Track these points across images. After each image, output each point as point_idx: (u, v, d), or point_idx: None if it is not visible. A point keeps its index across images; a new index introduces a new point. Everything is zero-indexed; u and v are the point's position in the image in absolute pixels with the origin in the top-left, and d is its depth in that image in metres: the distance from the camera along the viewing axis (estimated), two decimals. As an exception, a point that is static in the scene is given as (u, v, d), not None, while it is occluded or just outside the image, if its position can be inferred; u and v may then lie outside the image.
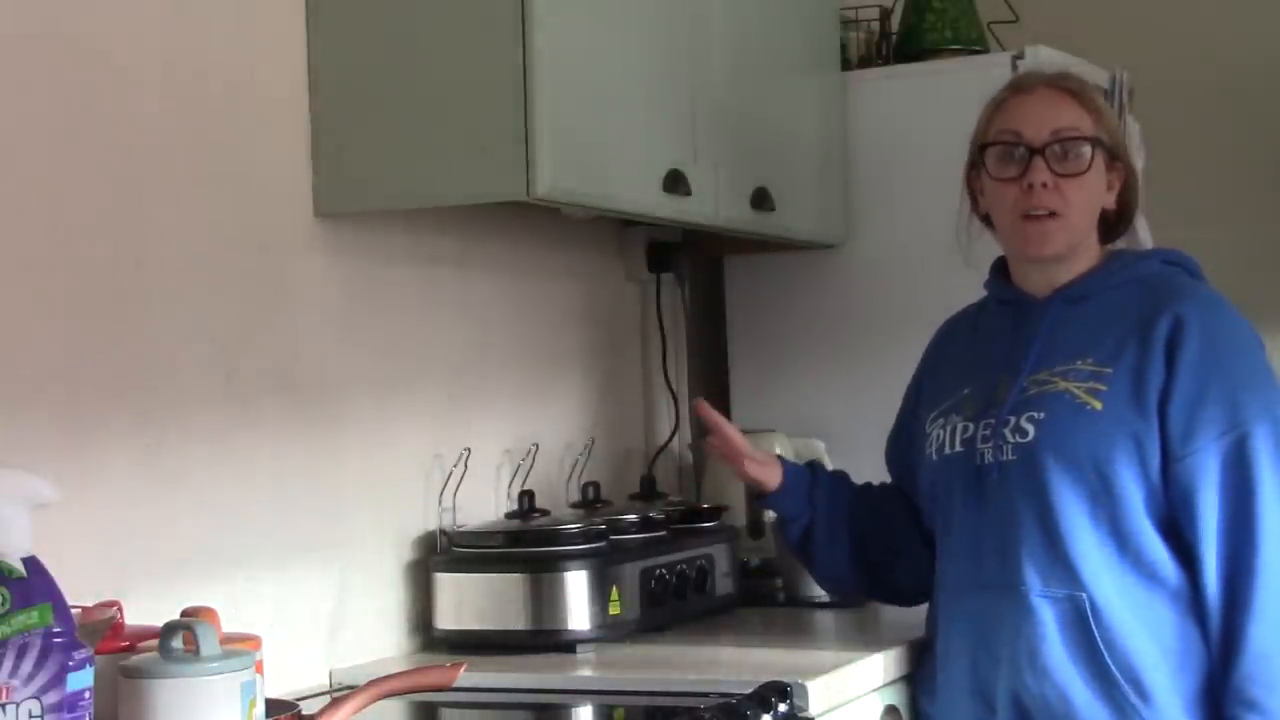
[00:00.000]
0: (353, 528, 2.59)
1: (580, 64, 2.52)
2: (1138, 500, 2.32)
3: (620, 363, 3.34)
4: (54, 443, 2.09)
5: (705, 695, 2.22)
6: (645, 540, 2.79)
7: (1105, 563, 2.32)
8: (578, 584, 2.60)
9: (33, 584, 1.61)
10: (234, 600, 2.30)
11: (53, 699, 1.60)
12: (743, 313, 3.49)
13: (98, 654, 1.69)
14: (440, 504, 2.73)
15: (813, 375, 3.36)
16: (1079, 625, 2.32)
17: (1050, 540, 2.34)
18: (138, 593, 2.07)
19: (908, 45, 3.44)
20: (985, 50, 3.42)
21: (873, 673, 2.46)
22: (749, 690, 2.22)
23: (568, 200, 2.56)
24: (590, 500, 2.96)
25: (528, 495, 2.78)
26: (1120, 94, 3.35)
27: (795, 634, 2.82)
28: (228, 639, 1.81)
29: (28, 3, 2.09)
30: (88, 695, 1.63)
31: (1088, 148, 2.41)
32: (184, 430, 2.28)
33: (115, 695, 1.73)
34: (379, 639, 2.63)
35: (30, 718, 1.59)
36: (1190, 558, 2.31)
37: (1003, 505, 2.38)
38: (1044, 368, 2.40)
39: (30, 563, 1.63)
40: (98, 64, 2.18)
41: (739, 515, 3.16)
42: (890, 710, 2.50)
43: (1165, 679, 2.30)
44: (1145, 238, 3.20)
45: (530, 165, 2.40)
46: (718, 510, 3.06)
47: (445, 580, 2.65)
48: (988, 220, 2.53)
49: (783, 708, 2.22)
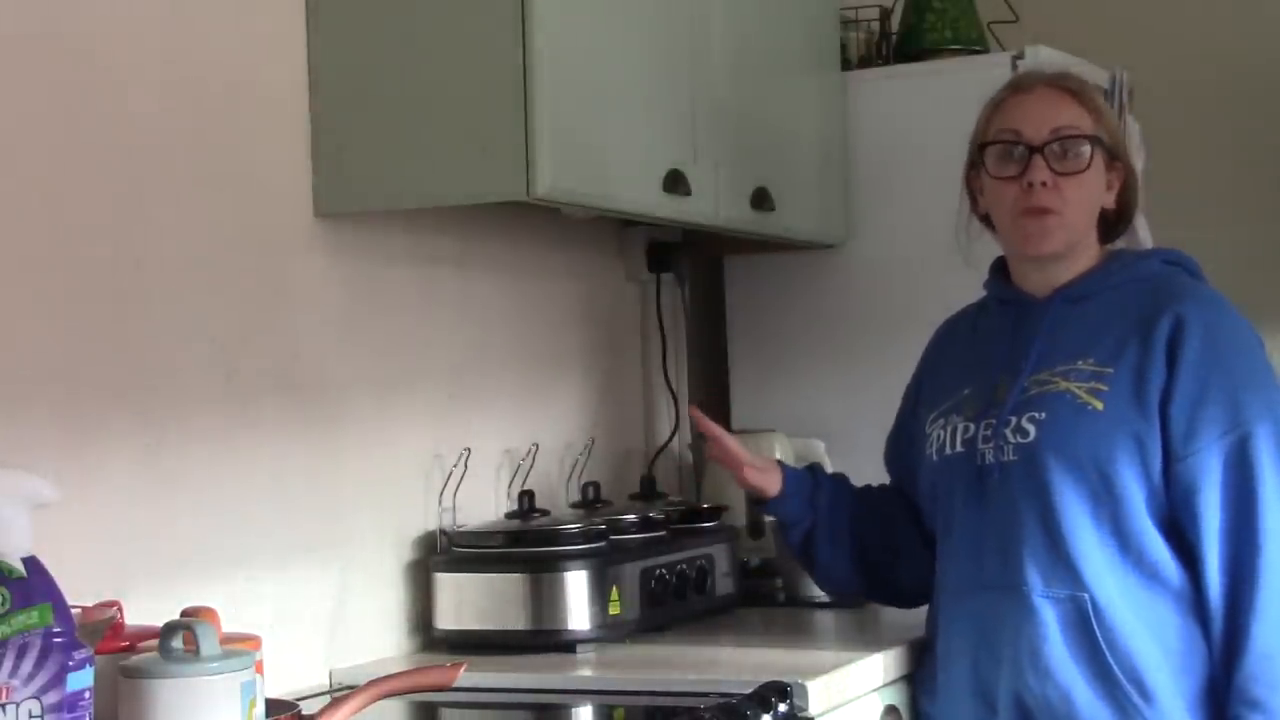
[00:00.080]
0: (353, 528, 2.59)
1: (580, 64, 2.52)
2: (1139, 500, 2.32)
3: (620, 363, 3.34)
4: (54, 443, 2.09)
5: (705, 695, 2.22)
6: (645, 540, 2.79)
7: (1107, 563, 2.32)
8: (578, 584, 2.59)
9: (33, 584, 1.61)
10: (234, 600, 2.30)
11: (53, 699, 1.60)
12: (743, 313, 3.49)
13: (98, 654, 1.69)
14: (440, 504, 2.73)
15: (813, 375, 3.36)
16: (1081, 626, 2.32)
17: (1052, 540, 2.34)
18: (138, 593, 2.07)
19: (908, 45, 3.44)
20: (985, 50, 3.42)
21: (873, 673, 2.46)
22: (749, 690, 2.22)
23: (568, 200, 2.56)
24: (590, 500, 2.96)
25: (528, 495, 2.78)
26: (1120, 94, 3.34)
27: (795, 634, 2.82)
28: (228, 639, 1.81)
29: (27, 3, 2.09)
30: (88, 695, 1.63)
31: (1087, 147, 2.41)
32: (184, 430, 2.28)
33: (115, 695, 1.73)
34: (379, 639, 2.63)
35: (30, 718, 1.59)
36: (1192, 558, 2.31)
37: (1004, 506, 2.38)
38: (1044, 368, 2.40)
39: (30, 563, 1.63)
40: (98, 64, 2.18)
41: (739, 515, 3.16)
42: (890, 710, 2.50)
43: (1168, 679, 2.30)
44: (1145, 237, 3.20)
45: (530, 165, 2.40)
46: (718, 510, 3.06)
47: (445, 580, 2.65)
48: (987, 220, 2.53)
49: (783, 708, 2.22)
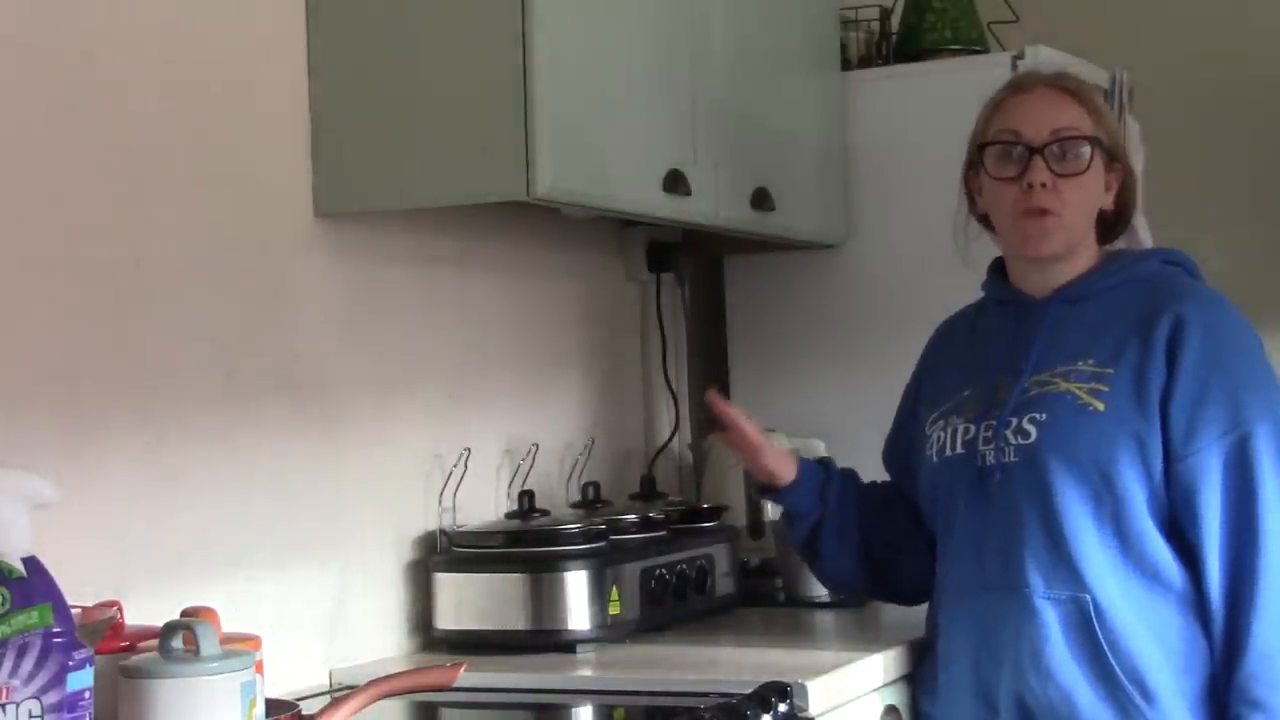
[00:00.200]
0: (353, 528, 2.59)
1: (580, 64, 2.52)
2: (1140, 501, 2.31)
3: (620, 363, 3.34)
4: (54, 443, 2.09)
5: (705, 695, 2.21)
6: (645, 540, 2.79)
7: (1109, 564, 2.32)
8: (578, 584, 2.59)
9: (33, 584, 1.61)
10: (234, 600, 2.30)
11: (53, 699, 1.60)
12: (743, 313, 3.49)
13: (98, 654, 1.69)
14: (440, 504, 2.73)
15: (813, 375, 3.36)
16: (1082, 627, 2.31)
17: (1053, 542, 2.34)
18: (138, 593, 2.07)
19: (908, 45, 3.44)
20: (985, 50, 3.42)
21: (873, 673, 2.46)
22: (749, 690, 2.22)
23: (568, 200, 2.56)
24: (590, 500, 2.95)
25: (528, 495, 2.78)
26: (1120, 94, 3.34)
27: (795, 634, 2.81)
28: (228, 639, 1.81)
29: (28, 3, 2.09)
30: (88, 695, 1.63)
31: (1087, 148, 2.41)
32: (184, 430, 2.28)
33: (115, 695, 1.73)
34: (379, 639, 2.63)
35: (30, 718, 1.59)
36: (1193, 558, 2.31)
37: (1005, 507, 2.38)
38: (1045, 368, 2.40)
39: (30, 563, 1.63)
40: (98, 64, 2.18)
41: (739, 515, 3.16)
42: (890, 710, 2.50)
43: (1169, 680, 2.30)
44: (1145, 237, 3.20)
45: (530, 165, 2.40)
46: (718, 510, 3.06)
47: (445, 580, 2.65)
48: (985, 221, 2.53)
49: (783, 708, 2.22)
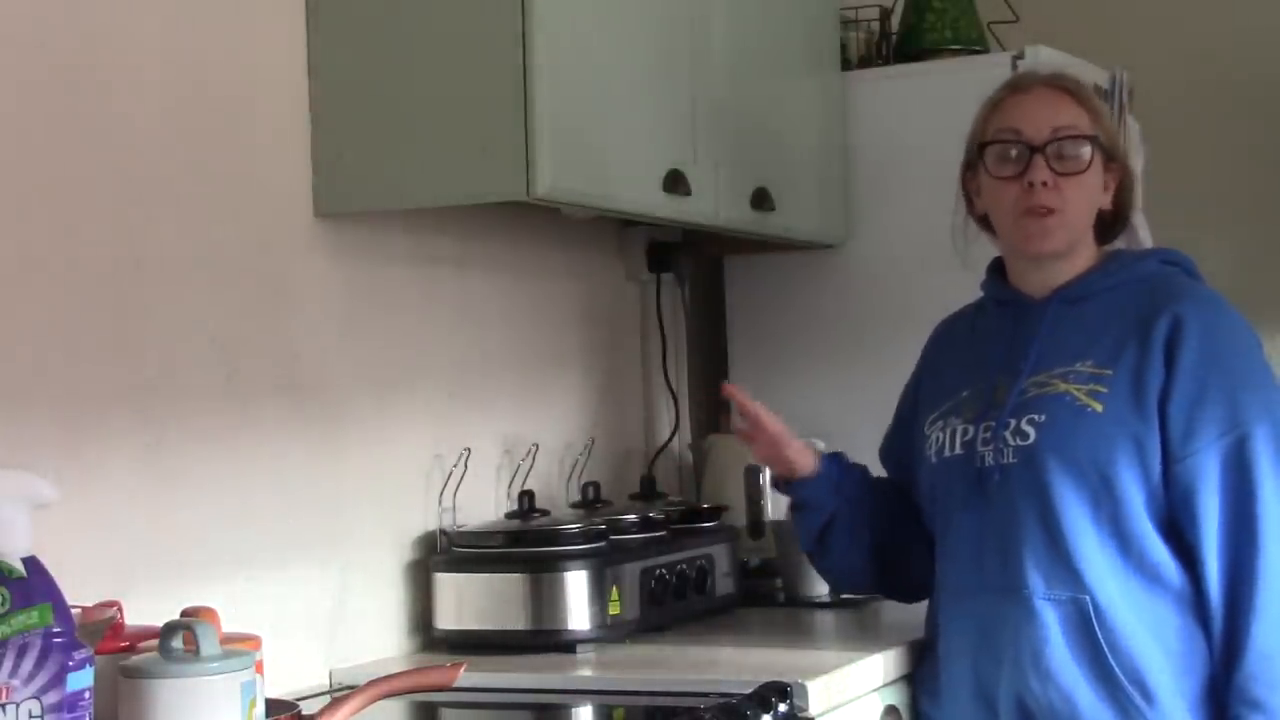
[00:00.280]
0: (353, 528, 2.59)
1: (580, 64, 2.52)
2: (1139, 502, 2.31)
3: (620, 363, 3.34)
4: (54, 442, 2.09)
5: (705, 695, 2.21)
6: (645, 540, 2.79)
7: (1108, 565, 2.32)
8: (578, 584, 2.59)
9: (33, 584, 1.61)
10: (234, 600, 2.30)
11: (53, 699, 1.60)
12: (743, 313, 3.49)
13: (98, 654, 1.69)
14: (440, 504, 2.73)
15: (812, 375, 3.36)
16: (1082, 628, 2.31)
17: (1053, 543, 2.33)
18: (138, 593, 2.07)
19: (908, 45, 3.44)
20: (985, 50, 3.42)
21: (873, 673, 2.46)
22: (749, 690, 2.22)
23: (568, 200, 2.56)
24: (590, 500, 2.96)
25: (528, 495, 2.78)
26: (1120, 94, 3.34)
27: (795, 634, 2.81)
28: (228, 639, 1.81)
29: (28, 3, 2.09)
30: (88, 695, 1.63)
31: (1087, 146, 2.41)
32: (184, 430, 2.28)
33: (115, 695, 1.73)
34: (379, 639, 2.63)
35: (30, 718, 1.59)
36: (1192, 558, 2.31)
37: (1004, 508, 2.37)
38: (1043, 369, 2.40)
39: (30, 563, 1.63)
40: (98, 64, 2.18)
41: (739, 515, 3.16)
42: (890, 710, 2.50)
43: (1169, 680, 2.30)
44: (1145, 237, 3.20)
45: (530, 165, 2.40)
46: (718, 510, 3.06)
47: (445, 580, 2.65)
48: (983, 222, 2.53)
49: (783, 708, 2.22)
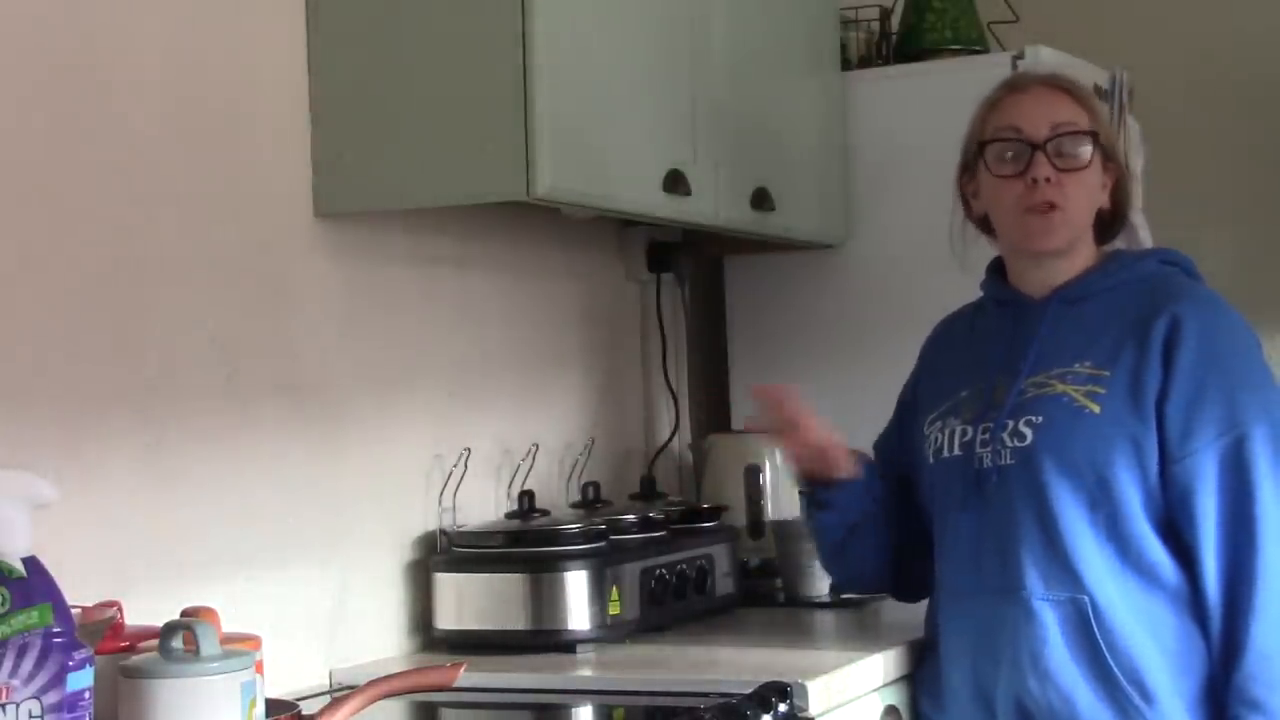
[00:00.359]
0: (353, 528, 2.59)
1: (580, 64, 2.52)
2: (1136, 503, 2.31)
3: (620, 363, 3.34)
4: (54, 442, 2.09)
5: (705, 695, 2.21)
6: (645, 540, 2.79)
7: (1106, 565, 2.32)
8: (578, 584, 2.59)
9: (33, 584, 1.61)
10: (234, 600, 2.30)
11: (53, 699, 1.60)
12: (743, 313, 3.49)
13: (98, 654, 1.69)
14: (440, 504, 2.73)
15: (812, 375, 3.35)
16: (1081, 628, 2.31)
17: (1050, 543, 2.33)
18: (138, 593, 2.07)
19: (908, 45, 3.44)
20: (985, 50, 3.42)
21: (873, 673, 2.46)
22: (749, 690, 2.22)
23: (568, 200, 2.56)
24: (590, 500, 2.95)
25: (528, 495, 2.78)
26: (1120, 94, 3.34)
27: (795, 634, 2.81)
28: (228, 639, 1.81)
29: (28, 3, 2.09)
30: (88, 695, 1.63)
31: (1088, 142, 2.41)
32: (184, 430, 2.28)
33: (115, 695, 1.73)
34: (379, 639, 2.63)
35: (30, 718, 1.59)
36: (1190, 559, 2.31)
37: (1002, 509, 2.37)
38: (1042, 370, 2.40)
39: (30, 563, 1.63)
40: (98, 65, 2.18)
41: (739, 515, 3.16)
42: (890, 710, 2.50)
43: (1168, 680, 2.30)
44: (1145, 237, 3.21)
45: (530, 165, 2.40)
46: (718, 510, 3.06)
47: (445, 580, 2.65)
48: (981, 224, 2.52)
49: (783, 708, 2.22)
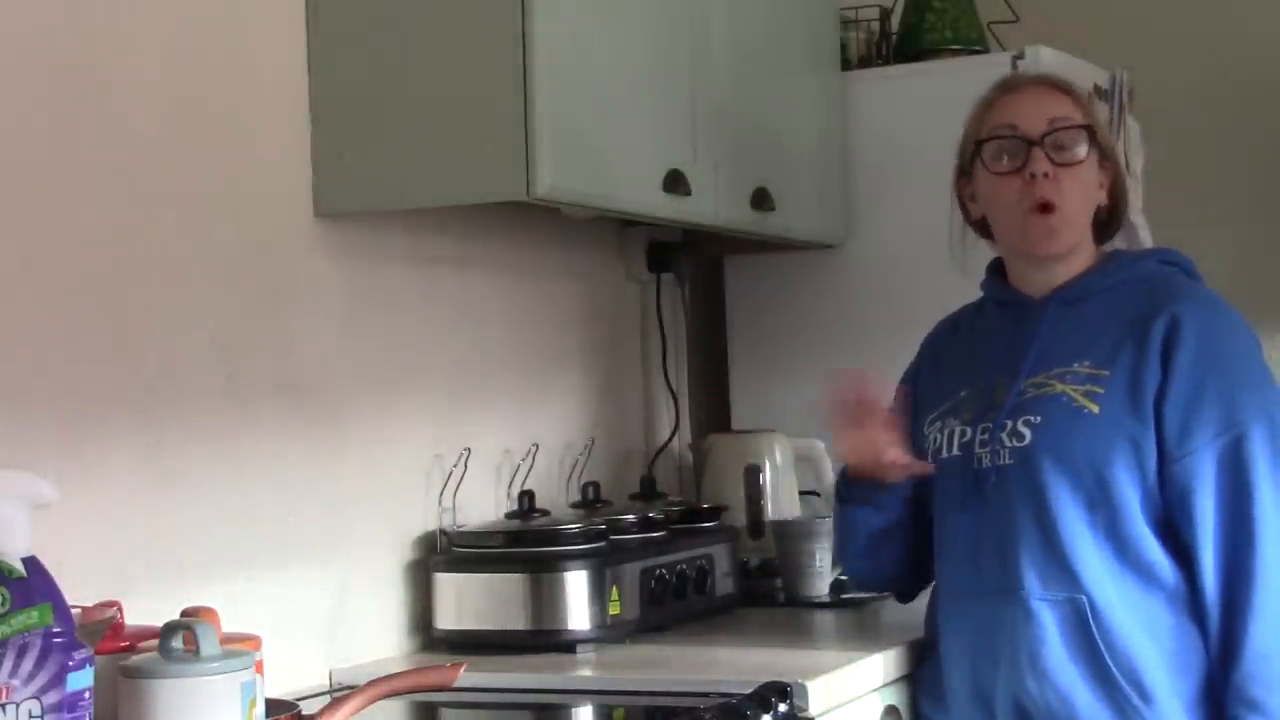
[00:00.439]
0: (353, 527, 2.59)
1: (580, 64, 2.52)
2: (1135, 503, 2.31)
3: (620, 363, 3.34)
4: (54, 442, 2.09)
5: (705, 695, 2.21)
6: (645, 540, 2.79)
7: (1104, 565, 2.32)
8: (578, 584, 2.59)
9: (33, 584, 1.61)
10: (234, 600, 2.30)
11: (53, 699, 1.60)
12: (743, 313, 3.49)
13: (98, 654, 1.69)
14: (440, 504, 2.73)
15: (813, 375, 3.34)
16: (1079, 628, 2.31)
17: (1049, 543, 2.33)
18: (138, 593, 2.07)
19: (908, 45, 3.44)
20: (985, 50, 3.42)
21: (873, 673, 2.45)
22: (749, 690, 2.22)
23: (568, 200, 2.56)
24: (590, 500, 2.95)
25: (528, 495, 2.78)
26: (1120, 94, 3.34)
27: (795, 634, 2.81)
28: (228, 639, 1.81)
29: (28, 4, 2.09)
30: (88, 695, 1.63)
31: (1084, 137, 2.41)
32: (184, 430, 2.28)
33: (115, 695, 1.73)
34: (379, 639, 2.63)
35: (30, 718, 1.59)
36: (1188, 558, 2.31)
37: (1001, 509, 2.37)
38: (1041, 370, 2.40)
39: (30, 563, 1.63)
40: (98, 65, 2.18)
41: (739, 515, 3.16)
42: (890, 710, 2.50)
43: (1166, 680, 2.30)
44: (1145, 237, 3.21)
45: (530, 165, 2.40)
46: (718, 510, 3.06)
47: (445, 580, 2.65)
48: (979, 227, 2.52)
49: (783, 708, 2.22)
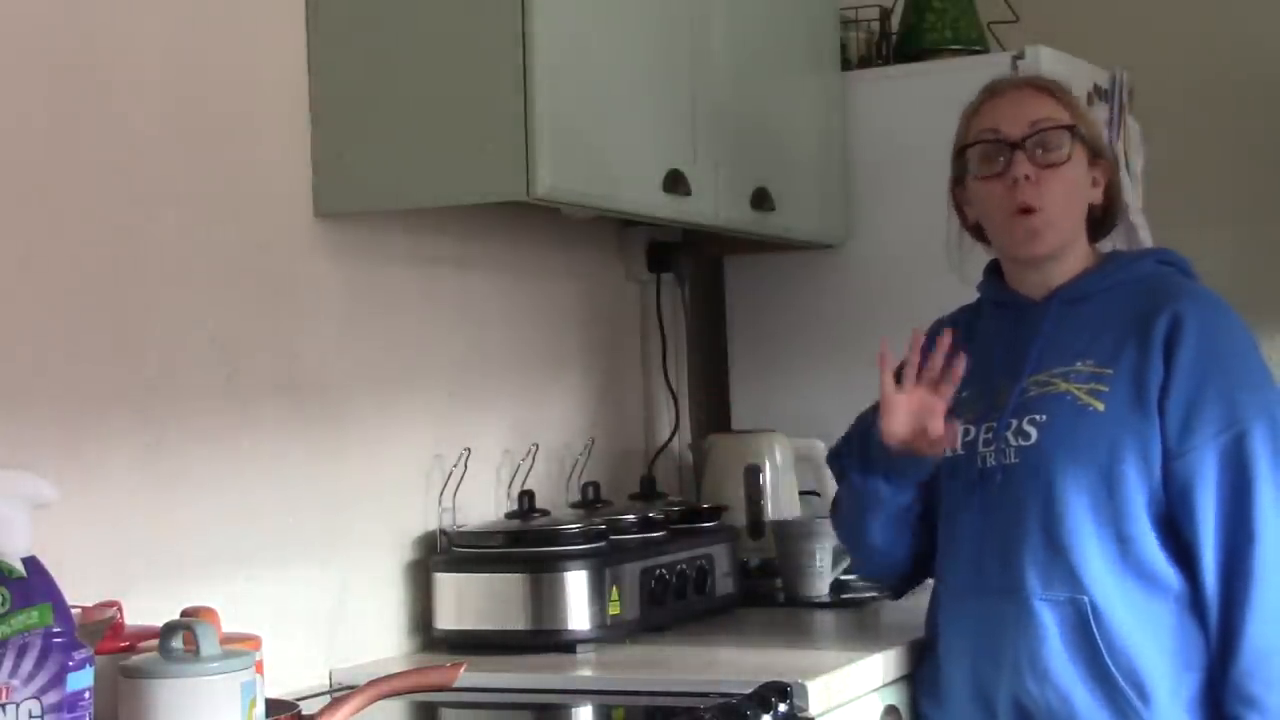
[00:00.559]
0: (353, 528, 2.59)
1: (580, 64, 2.52)
2: (1140, 501, 2.31)
3: (620, 363, 3.34)
4: (54, 442, 2.09)
5: (705, 695, 2.21)
6: (645, 540, 2.79)
7: (1107, 565, 2.32)
8: (578, 584, 2.59)
9: (33, 584, 1.61)
10: (234, 600, 2.30)
11: (53, 699, 1.60)
12: (743, 313, 3.49)
13: (98, 654, 1.69)
14: (440, 504, 2.73)
15: (813, 375, 3.36)
16: (1080, 629, 2.31)
17: (1052, 543, 2.33)
18: (138, 593, 2.07)
19: (908, 45, 3.44)
20: (985, 50, 3.42)
21: (873, 673, 2.45)
22: (749, 690, 2.22)
23: (568, 200, 2.56)
24: (590, 500, 2.95)
25: (528, 495, 2.78)
26: (1120, 94, 3.35)
27: (795, 634, 2.81)
28: (228, 639, 1.81)
29: (28, 4, 2.09)
30: (88, 695, 1.63)
31: (1066, 138, 2.41)
32: (184, 430, 2.28)
33: (115, 695, 1.73)
34: (379, 639, 2.63)
35: (30, 718, 1.59)
36: (1189, 558, 2.31)
37: (1005, 509, 2.37)
38: (1044, 369, 2.40)
39: (30, 563, 1.63)
40: (98, 64, 2.18)
41: (739, 515, 3.16)
42: (890, 710, 2.50)
43: (1167, 681, 2.30)
44: (1145, 237, 3.21)
45: (530, 165, 2.40)
46: (718, 510, 3.06)
47: (445, 580, 2.65)
48: (976, 232, 2.53)
49: (783, 708, 2.22)
